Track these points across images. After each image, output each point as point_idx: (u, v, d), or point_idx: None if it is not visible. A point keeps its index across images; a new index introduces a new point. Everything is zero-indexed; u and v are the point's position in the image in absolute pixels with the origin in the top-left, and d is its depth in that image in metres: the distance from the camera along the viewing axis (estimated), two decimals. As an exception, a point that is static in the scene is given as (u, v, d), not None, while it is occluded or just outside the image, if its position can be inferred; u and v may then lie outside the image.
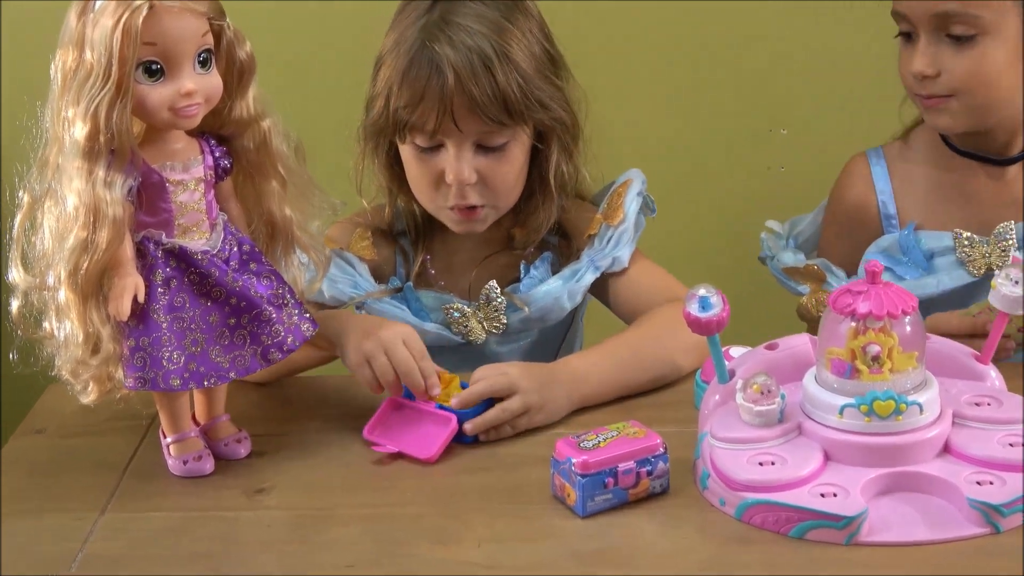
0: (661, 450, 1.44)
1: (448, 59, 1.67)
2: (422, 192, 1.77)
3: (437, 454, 1.53)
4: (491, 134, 1.72)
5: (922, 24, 1.74)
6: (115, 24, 1.37)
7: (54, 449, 1.61)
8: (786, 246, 1.94)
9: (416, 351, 1.58)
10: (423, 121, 1.69)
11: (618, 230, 1.81)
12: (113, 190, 1.40)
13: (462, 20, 1.70)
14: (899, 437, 1.40)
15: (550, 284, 1.79)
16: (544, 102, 1.73)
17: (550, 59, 1.77)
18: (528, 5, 1.76)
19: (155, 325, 1.44)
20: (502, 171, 1.74)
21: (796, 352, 1.53)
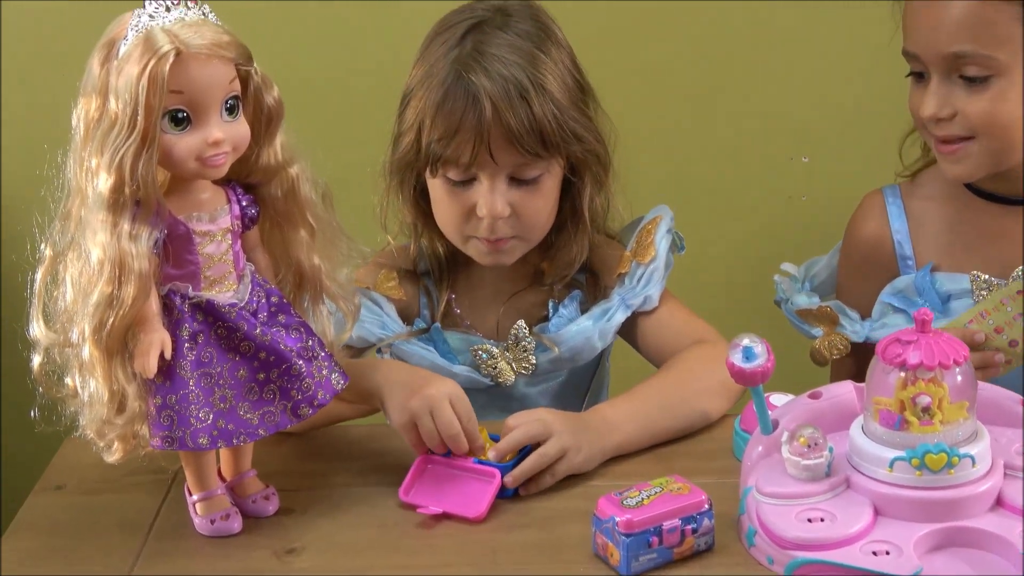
0: (706, 507, 1.40)
1: (485, 89, 1.64)
2: (450, 225, 1.74)
3: (486, 512, 1.48)
4: (526, 166, 1.68)
5: (934, 65, 1.70)
6: (141, 72, 1.33)
7: (75, 507, 1.56)
8: (801, 288, 1.91)
9: (463, 412, 1.53)
10: (458, 154, 1.66)
11: (649, 268, 1.77)
12: (139, 243, 1.36)
13: (496, 51, 1.66)
14: (951, 491, 1.36)
15: (581, 323, 1.76)
16: (578, 133, 1.70)
17: (581, 89, 1.74)
18: (558, 35, 1.74)
19: (182, 382, 1.39)
20: (535, 204, 1.71)
21: (840, 401, 1.49)
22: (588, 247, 1.79)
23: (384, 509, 1.51)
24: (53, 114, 1.43)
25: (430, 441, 1.53)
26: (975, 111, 1.69)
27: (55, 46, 2.28)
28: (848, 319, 1.84)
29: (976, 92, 1.68)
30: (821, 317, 1.85)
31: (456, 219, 1.71)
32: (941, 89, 1.70)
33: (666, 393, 1.67)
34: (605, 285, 1.81)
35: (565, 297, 1.80)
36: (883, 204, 1.87)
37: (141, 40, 1.34)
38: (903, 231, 1.85)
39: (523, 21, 1.70)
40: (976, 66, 1.67)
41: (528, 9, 1.73)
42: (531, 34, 1.69)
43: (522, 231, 1.72)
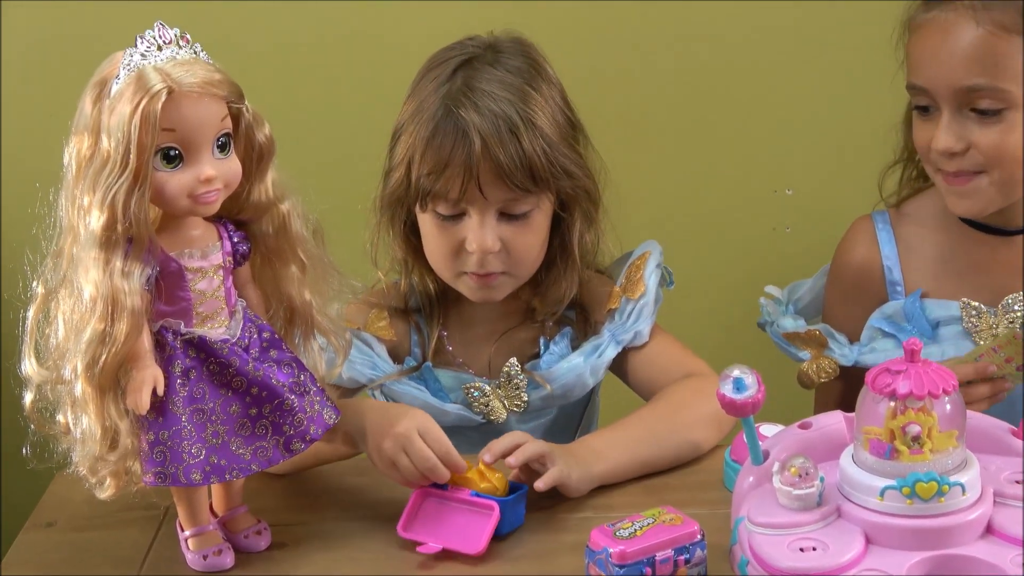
0: (699, 537, 1.41)
1: (474, 124, 1.65)
2: (440, 261, 1.74)
3: (485, 546, 1.48)
4: (515, 201, 1.69)
5: (946, 99, 1.70)
6: (133, 110, 1.34)
7: (66, 545, 1.56)
8: (786, 311, 1.91)
9: (434, 441, 1.53)
10: (447, 188, 1.67)
11: (639, 304, 1.78)
12: (131, 280, 1.36)
13: (486, 87, 1.68)
14: (942, 519, 1.36)
15: (572, 361, 1.77)
16: (568, 169, 1.71)
17: (572, 126, 1.75)
18: (549, 72, 1.75)
19: (175, 418, 1.40)
20: (525, 240, 1.72)
21: (830, 431, 1.50)
22: (578, 283, 1.79)
23: (377, 542, 1.52)
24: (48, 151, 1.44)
25: (412, 478, 1.53)
26: (987, 143, 1.69)
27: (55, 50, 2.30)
28: (836, 343, 1.85)
29: (988, 125, 1.69)
30: (809, 340, 1.86)
31: (446, 254, 1.72)
32: (954, 123, 1.71)
33: (654, 423, 1.68)
34: (595, 321, 1.82)
35: (556, 334, 1.81)
36: (873, 229, 1.88)
37: (133, 79, 1.35)
38: (892, 256, 1.86)
39: (514, 58, 1.72)
40: (989, 99, 1.68)
41: (519, 46, 1.74)
42: (522, 70, 1.71)
43: (511, 267, 1.73)
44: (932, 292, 1.83)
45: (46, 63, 2.31)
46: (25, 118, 2.32)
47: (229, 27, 2.25)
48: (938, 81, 1.70)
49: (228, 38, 2.18)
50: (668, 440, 1.66)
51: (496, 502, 1.51)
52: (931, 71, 1.71)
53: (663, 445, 1.65)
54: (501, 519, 1.50)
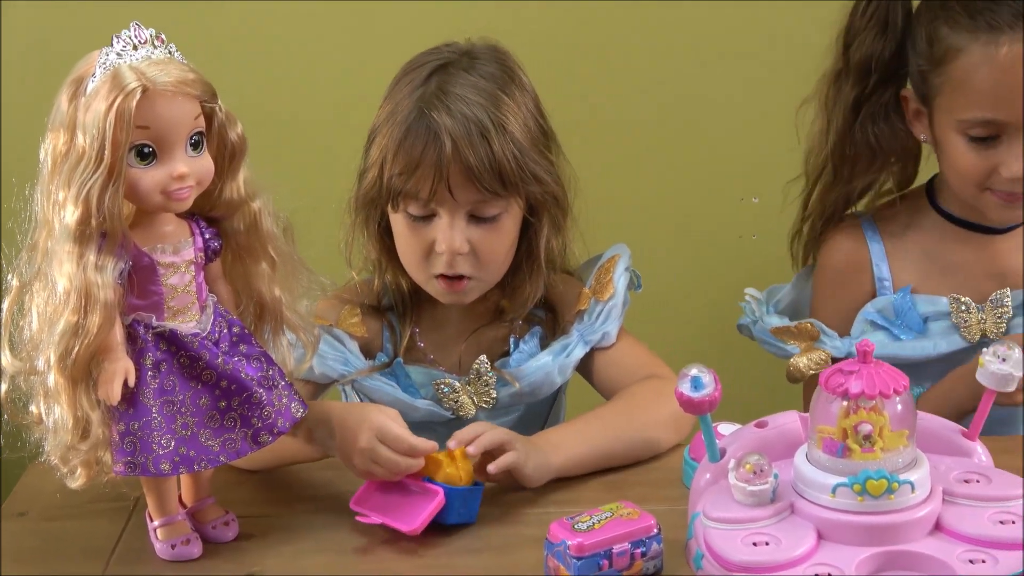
0: (655, 531, 1.44)
1: (445, 127, 1.68)
2: (411, 261, 1.77)
3: (421, 527, 1.51)
4: (485, 204, 1.72)
5: (1012, 125, 1.74)
6: (108, 108, 1.36)
7: (38, 534, 1.58)
8: (769, 311, 1.95)
9: (394, 442, 1.55)
10: (418, 188, 1.70)
11: (607, 305, 1.82)
12: (104, 274, 1.39)
13: (459, 91, 1.71)
14: (891, 516, 1.40)
15: (541, 359, 1.80)
16: (538, 175, 1.74)
17: (544, 133, 1.78)
18: (523, 79, 1.78)
19: (145, 409, 1.43)
20: (494, 243, 1.75)
21: (786, 430, 1.53)
22: (543, 287, 1.82)
23: (342, 535, 1.55)
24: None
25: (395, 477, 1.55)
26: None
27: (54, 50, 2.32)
28: (827, 335, 1.88)
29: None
30: (799, 334, 1.89)
31: (417, 255, 1.75)
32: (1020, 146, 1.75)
33: (613, 419, 1.71)
34: (565, 321, 1.84)
35: (526, 333, 1.84)
36: (859, 228, 1.92)
37: (109, 77, 1.38)
38: (880, 253, 1.90)
39: (488, 64, 1.75)
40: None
41: (494, 53, 1.77)
42: (495, 76, 1.74)
43: (479, 270, 1.75)
44: (920, 288, 1.88)
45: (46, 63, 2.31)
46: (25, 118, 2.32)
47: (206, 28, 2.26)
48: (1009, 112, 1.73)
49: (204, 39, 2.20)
50: (626, 436, 1.69)
51: (443, 489, 1.53)
52: (1002, 104, 1.73)
53: (621, 441, 1.69)
54: (448, 508, 1.53)
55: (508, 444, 1.59)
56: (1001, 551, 1.38)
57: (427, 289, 1.79)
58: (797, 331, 1.89)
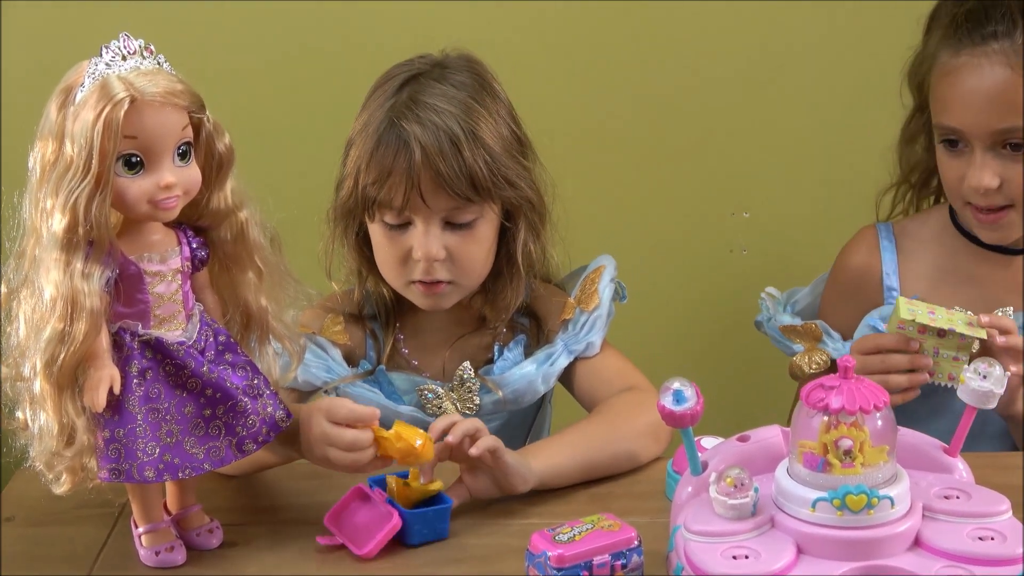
0: (636, 543, 1.45)
1: (415, 135, 1.70)
2: (390, 270, 1.79)
3: (374, 550, 1.52)
4: (459, 211, 1.74)
5: (979, 139, 1.78)
6: (96, 117, 1.37)
7: (23, 539, 1.59)
8: (783, 311, 1.97)
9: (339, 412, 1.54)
10: (391, 197, 1.72)
11: (592, 315, 1.83)
12: (91, 282, 1.40)
13: (430, 100, 1.73)
14: (871, 531, 1.41)
15: (524, 368, 1.81)
16: (511, 180, 1.76)
17: (517, 141, 1.80)
18: (496, 89, 1.80)
19: (130, 416, 1.43)
20: (470, 249, 1.76)
21: (768, 444, 1.54)
22: (523, 292, 1.84)
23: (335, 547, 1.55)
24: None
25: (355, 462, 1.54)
26: (1019, 178, 1.77)
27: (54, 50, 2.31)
28: (830, 338, 1.91)
29: (1019, 161, 1.77)
30: (805, 334, 1.92)
31: (394, 263, 1.77)
32: (990, 161, 1.78)
33: (593, 431, 1.72)
34: (549, 330, 1.86)
35: (510, 341, 1.85)
36: (876, 238, 1.96)
37: (97, 87, 1.39)
38: (892, 264, 1.93)
39: (460, 74, 1.77)
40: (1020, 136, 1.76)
41: (467, 63, 1.79)
42: (467, 85, 1.76)
43: (457, 275, 1.77)
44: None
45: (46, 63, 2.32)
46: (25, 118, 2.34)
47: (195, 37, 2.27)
48: (972, 124, 1.78)
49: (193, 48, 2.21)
50: (607, 448, 1.70)
51: (398, 511, 1.53)
52: (965, 114, 1.79)
53: (602, 452, 1.69)
54: (409, 529, 1.53)
55: (483, 431, 1.59)
56: (980, 567, 1.39)
57: (407, 296, 1.81)
58: (803, 331, 1.92)
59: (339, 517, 1.57)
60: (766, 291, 2.00)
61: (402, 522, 1.53)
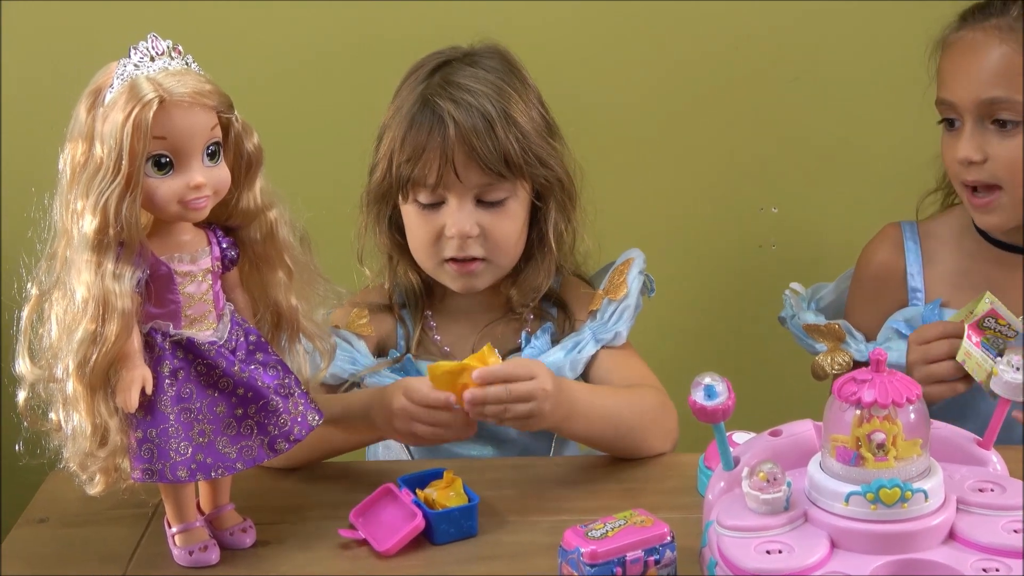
0: (669, 539, 1.44)
1: (449, 111, 1.73)
2: (422, 249, 1.80)
3: (394, 549, 1.53)
4: (491, 187, 1.76)
5: (968, 111, 1.79)
6: (125, 118, 1.38)
7: (57, 540, 1.60)
8: (807, 308, 1.97)
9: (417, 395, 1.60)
10: (424, 173, 1.74)
11: (621, 305, 1.84)
12: (122, 283, 1.41)
13: (463, 80, 1.76)
14: (905, 524, 1.40)
15: (553, 355, 1.81)
16: (543, 159, 1.78)
17: (547, 124, 1.82)
18: (525, 75, 1.83)
19: (162, 416, 1.44)
20: (502, 226, 1.78)
21: (800, 438, 1.54)
22: (553, 274, 1.85)
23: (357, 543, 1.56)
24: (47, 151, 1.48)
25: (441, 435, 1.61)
26: (1005, 156, 1.78)
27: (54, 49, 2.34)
28: (853, 339, 1.91)
29: (1007, 137, 1.78)
30: (828, 333, 1.92)
31: (427, 242, 1.78)
32: (975, 134, 1.80)
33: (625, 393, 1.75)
34: (576, 320, 1.87)
35: (537, 329, 1.85)
36: (900, 236, 1.96)
37: (126, 88, 1.40)
38: (916, 264, 1.93)
39: (490, 59, 1.80)
40: (1008, 111, 1.77)
41: (496, 51, 1.82)
42: (497, 69, 1.79)
43: (490, 253, 1.78)
44: (951, 302, 1.90)
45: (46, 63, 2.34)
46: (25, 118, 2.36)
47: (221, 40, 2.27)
48: (963, 94, 1.79)
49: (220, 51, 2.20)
50: (636, 409, 1.73)
51: (422, 511, 1.54)
52: (957, 84, 1.81)
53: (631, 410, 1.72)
54: (435, 529, 1.54)
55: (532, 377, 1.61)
56: (1015, 560, 1.38)
57: (439, 277, 1.82)
58: (826, 330, 1.92)
59: (365, 513, 1.58)
60: (790, 287, 2.00)
61: (427, 523, 1.54)
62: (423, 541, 1.55)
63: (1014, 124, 1.77)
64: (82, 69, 1.47)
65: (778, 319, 2.01)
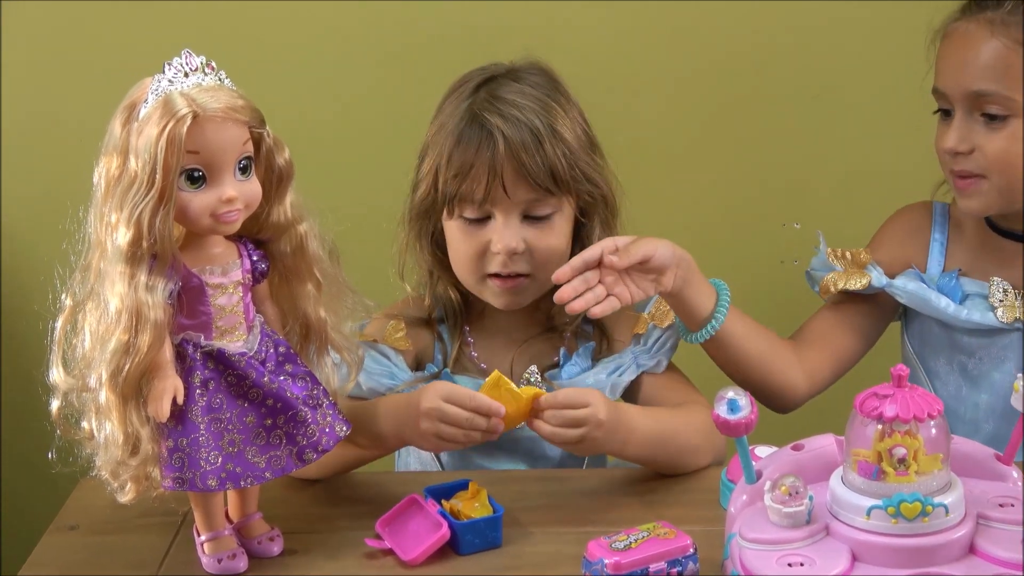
0: (691, 551, 1.46)
1: (498, 127, 1.73)
2: (465, 265, 1.80)
3: (419, 558, 1.54)
4: (538, 203, 1.76)
5: (958, 102, 1.81)
6: (160, 133, 1.40)
7: (87, 547, 1.62)
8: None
9: (460, 400, 1.60)
10: (472, 189, 1.74)
11: (666, 332, 1.84)
12: (154, 294, 1.43)
13: (509, 95, 1.77)
14: (925, 539, 1.41)
15: (595, 375, 1.82)
16: (588, 175, 1.79)
17: (590, 140, 1.83)
18: (567, 91, 1.83)
19: (193, 426, 1.46)
20: (548, 242, 1.78)
21: (822, 453, 1.55)
22: None
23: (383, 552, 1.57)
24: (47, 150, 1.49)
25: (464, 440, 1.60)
26: (991, 148, 1.79)
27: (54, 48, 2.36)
28: (874, 268, 1.93)
29: (994, 130, 1.79)
30: (852, 259, 1.95)
31: (472, 258, 1.79)
32: (963, 125, 1.81)
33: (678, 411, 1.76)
34: (616, 341, 1.87)
35: (576, 347, 1.86)
36: (931, 211, 1.97)
37: (160, 103, 1.42)
38: (941, 241, 1.95)
39: (534, 75, 1.81)
40: (997, 105, 1.78)
41: (539, 67, 1.83)
42: (542, 85, 1.79)
43: (535, 269, 1.78)
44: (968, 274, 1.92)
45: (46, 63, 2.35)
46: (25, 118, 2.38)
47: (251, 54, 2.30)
48: (953, 84, 1.81)
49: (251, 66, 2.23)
50: (691, 427, 1.73)
51: (448, 522, 1.56)
52: (948, 75, 1.82)
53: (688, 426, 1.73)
54: (460, 539, 1.55)
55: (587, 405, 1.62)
56: (1035, 575, 1.40)
57: (481, 294, 1.82)
58: (850, 256, 1.95)
59: (391, 523, 1.60)
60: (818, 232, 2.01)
61: (452, 533, 1.56)
62: (448, 551, 1.56)
63: (1002, 118, 1.78)
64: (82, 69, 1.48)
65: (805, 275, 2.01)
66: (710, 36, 2.37)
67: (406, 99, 1.88)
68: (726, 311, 1.81)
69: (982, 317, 1.88)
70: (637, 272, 1.72)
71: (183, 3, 2.32)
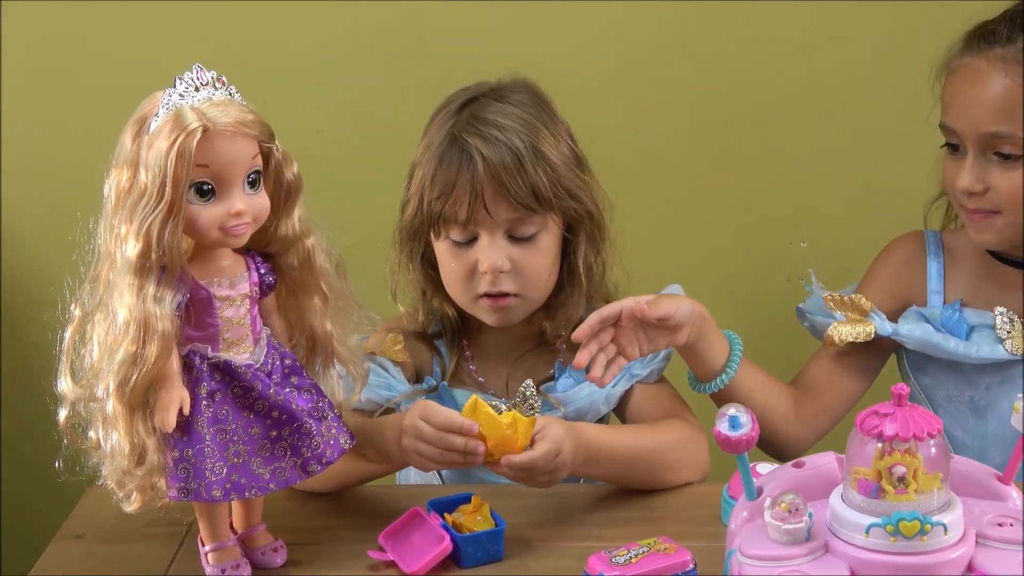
0: (691, 566, 1.47)
1: (477, 148, 1.75)
2: (456, 286, 1.82)
3: (422, 571, 1.55)
4: (521, 222, 1.77)
5: (971, 141, 1.80)
6: (170, 147, 1.42)
7: (93, 556, 1.63)
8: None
9: (435, 417, 1.60)
10: (455, 210, 1.76)
11: None
12: (163, 306, 1.44)
13: (490, 116, 1.78)
14: (924, 557, 1.42)
15: (589, 387, 1.83)
16: (572, 192, 1.80)
17: (576, 158, 1.84)
18: (553, 109, 1.84)
19: (199, 437, 1.47)
20: (534, 261, 1.79)
21: (822, 470, 1.55)
22: (584, 306, 1.86)
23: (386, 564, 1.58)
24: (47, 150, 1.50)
25: (442, 460, 1.60)
26: (1006, 187, 1.79)
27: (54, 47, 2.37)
28: (877, 315, 1.92)
29: (1008, 169, 1.79)
30: (851, 306, 1.92)
31: (461, 279, 1.80)
32: (977, 165, 1.80)
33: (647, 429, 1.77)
34: None
35: (570, 359, 1.87)
36: (924, 240, 1.97)
37: (171, 117, 1.43)
38: (938, 270, 1.94)
39: (518, 94, 1.82)
40: (1010, 145, 1.77)
41: (524, 85, 1.84)
42: (526, 104, 1.80)
43: (523, 288, 1.80)
44: (969, 302, 1.92)
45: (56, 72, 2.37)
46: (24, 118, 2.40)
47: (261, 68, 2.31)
48: (965, 124, 1.80)
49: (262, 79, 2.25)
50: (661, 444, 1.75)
51: (450, 535, 1.57)
52: (960, 114, 1.81)
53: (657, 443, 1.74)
54: (462, 552, 1.57)
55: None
56: (1033, 594, 1.40)
57: (474, 312, 1.84)
58: (850, 302, 1.93)
59: (394, 536, 1.61)
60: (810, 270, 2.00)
61: (454, 546, 1.57)
62: (450, 564, 1.57)
63: (1016, 157, 1.78)
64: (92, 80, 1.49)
65: (796, 312, 2.00)
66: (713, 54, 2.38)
67: (414, 114, 1.88)
68: (738, 365, 1.83)
69: (991, 352, 1.88)
70: (653, 328, 1.74)
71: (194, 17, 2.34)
